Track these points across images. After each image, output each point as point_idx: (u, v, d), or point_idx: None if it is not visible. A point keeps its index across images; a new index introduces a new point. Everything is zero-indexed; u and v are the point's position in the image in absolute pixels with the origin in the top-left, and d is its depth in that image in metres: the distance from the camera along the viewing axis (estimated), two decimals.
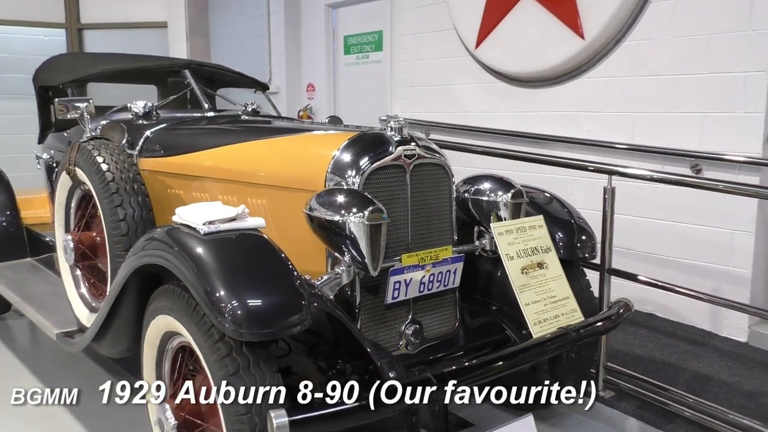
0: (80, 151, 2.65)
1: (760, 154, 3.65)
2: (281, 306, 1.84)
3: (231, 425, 1.82)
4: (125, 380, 2.56)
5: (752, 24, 3.60)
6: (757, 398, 3.09)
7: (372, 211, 2.07)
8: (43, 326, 3.10)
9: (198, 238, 1.97)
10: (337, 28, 7.05)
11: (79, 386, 3.07)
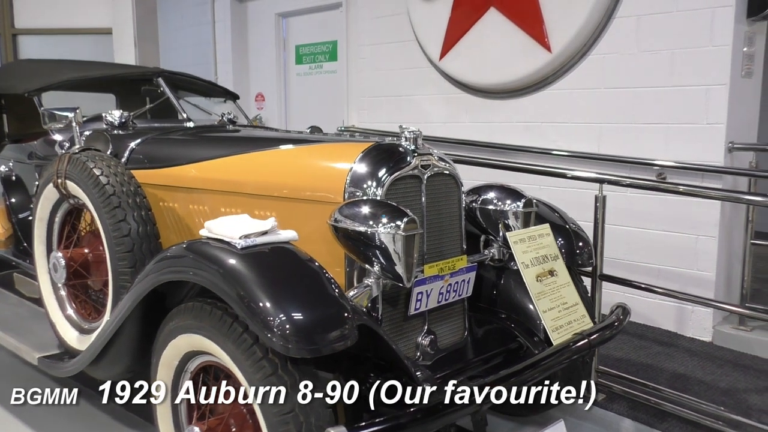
0: (73, 162, 2.49)
1: (722, 162, 3.87)
2: (328, 321, 1.79)
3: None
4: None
5: (713, 40, 3.82)
6: (733, 394, 3.26)
7: (408, 221, 2.05)
8: (20, 351, 2.89)
9: (235, 252, 1.89)
10: (287, 38, 6.97)
11: (79, 386, 2.96)
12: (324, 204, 2.34)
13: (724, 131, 3.84)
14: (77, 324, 2.71)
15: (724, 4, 3.75)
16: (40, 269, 2.81)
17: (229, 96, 4.19)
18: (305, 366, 1.84)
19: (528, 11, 4.48)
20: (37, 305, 3.46)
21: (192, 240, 2.05)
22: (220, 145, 2.82)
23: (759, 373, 3.54)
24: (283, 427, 1.76)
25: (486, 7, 4.73)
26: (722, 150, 3.86)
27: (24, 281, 3.56)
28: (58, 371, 2.64)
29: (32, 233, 2.80)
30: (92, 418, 2.98)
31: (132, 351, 2.43)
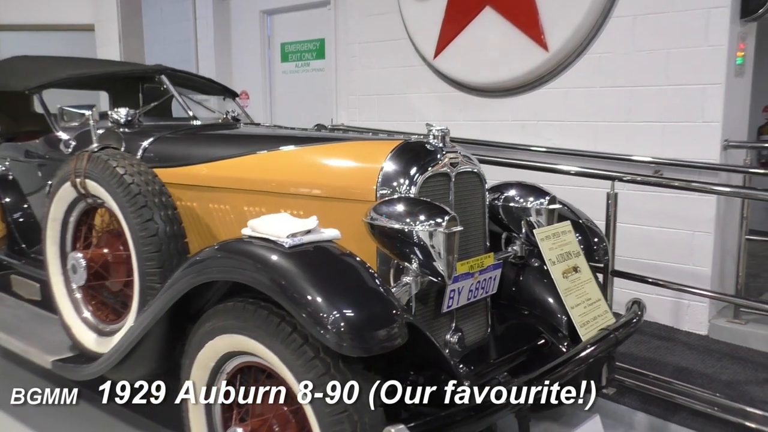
0: (93, 161, 2.42)
1: (718, 159, 3.97)
2: (381, 320, 1.78)
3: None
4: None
5: (709, 40, 3.91)
6: (736, 386, 3.35)
7: (450, 219, 2.05)
8: (29, 354, 2.81)
9: (283, 251, 1.87)
10: (272, 35, 6.91)
11: (78, 386, 2.86)
12: (355, 202, 2.33)
13: (720, 129, 3.94)
14: (94, 326, 2.64)
15: (720, 5, 3.85)
16: (53, 270, 2.73)
17: (227, 93, 4.13)
18: (355, 365, 1.83)
19: (524, 10, 4.53)
20: (38, 307, 3.38)
21: (233, 239, 2.02)
22: (239, 143, 2.78)
23: (756, 365, 3.64)
24: (338, 427, 1.75)
25: (481, 6, 4.76)
26: (718, 148, 3.96)
27: (22, 283, 3.46)
28: (75, 375, 2.57)
29: (44, 234, 2.72)
30: (92, 419, 2.95)
31: (157, 353, 2.38)
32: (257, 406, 2.02)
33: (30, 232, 3.61)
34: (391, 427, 1.67)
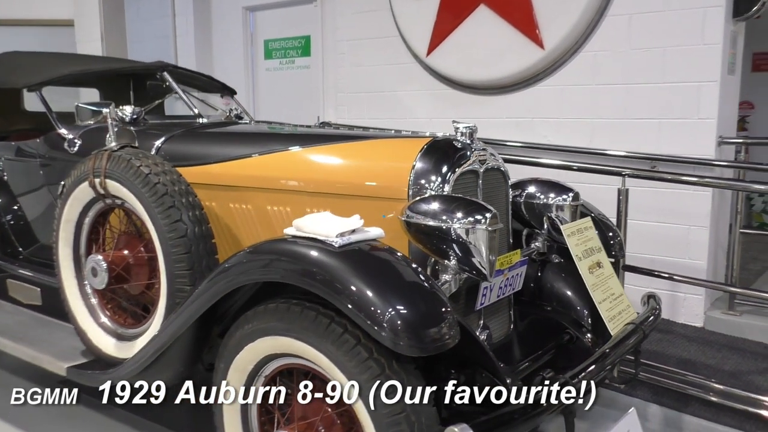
0: (115, 160, 2.35)
1: (713, 155, 4.05)
2: (436, 319, 1.76)
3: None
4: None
5: (704, 38, 3.99)
6: (740, 376, 3.42)
7: (492, 216, 2.05)
8: (40, 361, 2.71)
9: (333, 251, 1.83)
10: (255, 32, 6.82)
11: (78, 386, 2.82)
12: (386, 200, 2.31)
13: (715, 125, 4.03)
14: (113, 331, 2.56)
15: (715, 4, 3.93)
16: (65, 274, 2.63)
17: (226, 91, 4.06)
18: (408, 365, 1.81)
19: (520, 8, 4.55)
20: (39, 312, 3.27)
21: (277, 238, 1.98)
22: (257, 141, 2.72)
23: (756, 355, 3.73)
24: (395, 428, 1.73)
25: (476, 4, 4.77)
26: (713, 144, 4.05)
27: (20, 287, 3.34)
28: (95, 381, 2.49)
29: (56, 236, 2.62)
30: (91, 420, 2.94)
31: (185, 356, 2.32)
32: (300, 409, 1.99)
33: (25, 235, 3.49)
34: (454, 426, 1.66)
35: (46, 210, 3.22)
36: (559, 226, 2.66)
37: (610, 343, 2.31)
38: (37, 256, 3.39)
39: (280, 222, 2.54)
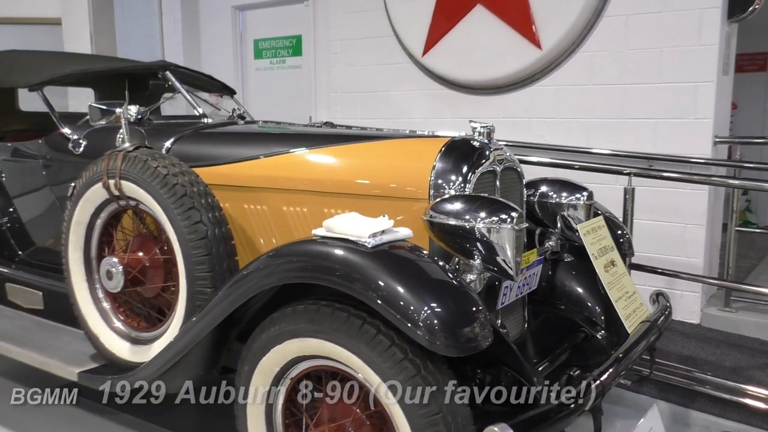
0: (130, 161, 2.31)
1: (710, 154, 4.12)
2: (471, 320, 1.76)
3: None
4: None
5: (701, 39, 4.05)
6: (741, 372, 3.48)
7: (519, 216, 2.05)
8: (49, 366, 2.66)
9: (365, 252, 1.82)
10: (245, 32, 6.76)
11: (78, 386, 2.85)
12: (407, 200, 2.31)
13: (711, 125, 4.09)
14: (126, 334, 2.51)
15: (712, 6, 3.99)
16: (76, 277, 2.58)
17: (226, 90, 4.01)
18: (442, 365, 1.81)
19: (517, 9, 4.58)
20: (40, 317, 3.21)
21: (306, 239, 1.96)
22: (271, 141, 2.68)
23: (753, 351, 3.80)
24: (433, 429, 1.72)
25: (472, 5, 4.79)
26: (710, 143, 4.11)
27: (20, 291, 3.27)
28: (108, 385, 2.44)
29: (66, 239, 2.56)
30: (90, 420, 2.95)
31: (204, 360, 2.30)
32: (330, 411, 1.97)
33: (24, 237, 3.42)
34: (493, 426, 1.66)
35: (48, 212, 3.16)
36: (572, 224, 2.68)
37: (630, 342, 2.32)
38: (38, 258, 3.32)
39: (297, 222, 2.52)
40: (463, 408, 1.78)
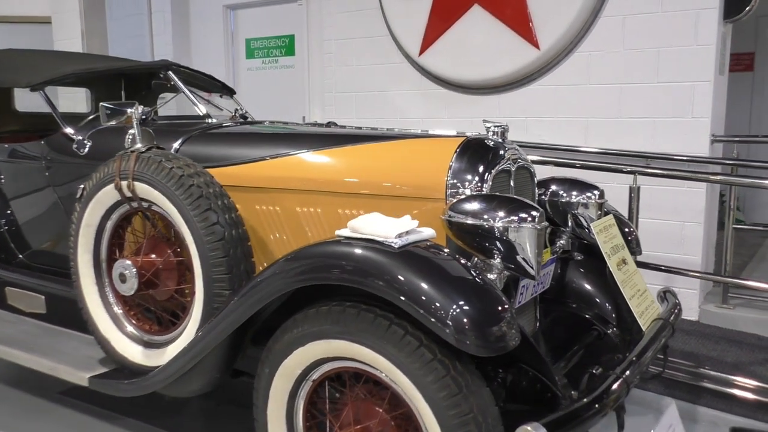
0: (144, 162, 2.27)
1: (707, 153, 4.16)
2: (500, 320, 1.76)
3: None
4: None
5: (698, 39, 4.09)
6: (742, 367, 3.52)
7: (540, 215, 2.05)
8: (57, 372, 2.61)
9: (392, 252, 1.81)
10: (236, 31, 6.71)
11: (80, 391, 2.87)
12: (424, 200, 2.30)
13: (708, 124, 4.14)
14: (138, 338, 2.47)
15: (709, 6, 4.04)
16: (85, 281, 2.53)
17: (225, 90, 3.98)
18: (470, 365, 1.80)
19: (514, 9, 4.60)
20: (43, 321, 3.15)
21: (330, 240, 1.94)
22: (284, 142, 2.65)
23: (753, 347, 3.85)
24: (464, 429, 1.72)
25: (469, 4, 4.79)
26: (707, 142, 4.15)
27: (21, 295, 3.21)
28: (122, 391, 2.40)
29: (74, 241, 2.52)
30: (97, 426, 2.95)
31: (221, 363, 2.27)
32: (355, 412, 1.96)
33: (24, 240, 3.36)
34: (526, 425, 1.66)
35: (50, 214, 3.10)
36: (582, 223, 2.69)
37: (646, 339, 2.34)
38: (38, 261, 3.27)
39: (311, 223, 2.50)
40: (492, 408, 1.78)
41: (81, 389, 3.20)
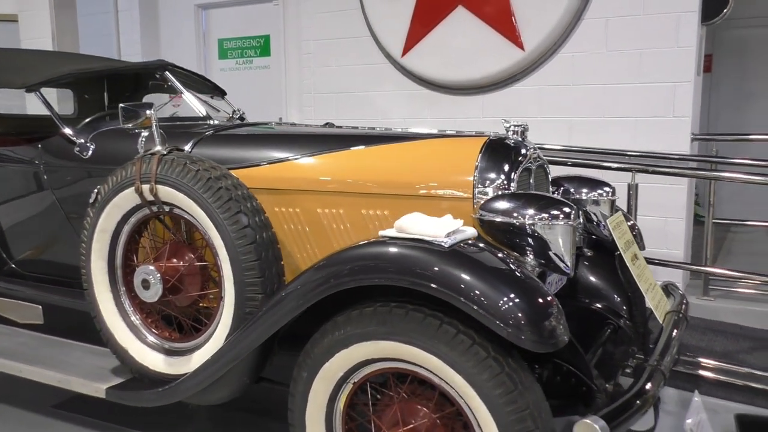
0: (167, 164, 2.21)
1: (688, 151, 4.31)
2: (551, 316, 1.79)
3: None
4: None
5: (679, 41, 4.23)
6: (731, 356, 3.66)
7: (575, 212, 2.09)
8: (69, 384, 2.52)
9: (443, 251, 1.82)
10: (208, 31, 6.60)
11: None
12: (450, 199, 2.31)
13: (689, 123, 4.28)
14: (159, 346, 2.41)
15: (689, 9, 4.18)
16: (99, 288, 2.45)
17: (217, 92, 3.91)
18: (521, 362, 1.83)
19: (499, 11, 4.66)
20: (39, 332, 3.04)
21: (378, 241, 1.94)
22: (302, 142, 2.61)
23: (737, 336, 4.00)
24: (521, 425, 1.74)
25: (453, 6, 4.83)
26: (688, 140, 4.30)
27: (15, 306, 3.08)
28: (145, 401, 2.33)
29: (87, 248, 2.43)
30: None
31: (252, 368, 2.24)
32: (402, 413, 1.95)
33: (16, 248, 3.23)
34: (585, 419, 1.69)
35: (47, 221, 2.99)
36: (593, 219, 2.76)
37: (667, 332, 2.41)
38: (33, 270, 3.14)
39: (333, 224, 2.48)
40: (544, 403, 1.80)
41: (74, 402, 3.15)
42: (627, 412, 1.80)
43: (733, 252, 6.12)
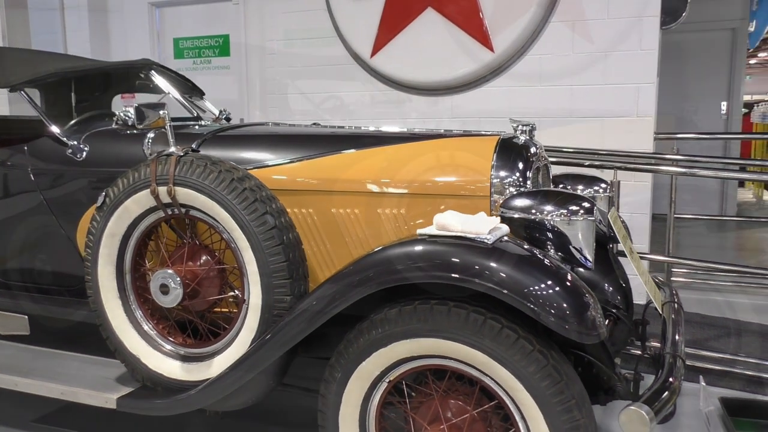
0: (186, 166, 2.15)
1: (651, 149, 4.51)
2: (593, 308, 1.86)
3: None
4: None
5: (642, 44, 4.43)
6: (701, 344, 3.87)
7: (593, 207, 2.17)
8: (75, 396, 2.42)
9: (487, 248, 1.86)
10: (162, 30, 6.41)
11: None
12: (467, 198, 2.36)
13: (653, 123, 4.49)
14: (174, 352, 2.34)
15: (651, 14, 4.38)
16: (107, 295, 2.35)
17: (195, 92, 3.82)
18: (561, 354, 1.88)
19: (468, 13, 4.74)
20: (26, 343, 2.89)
21: (413, 238, 1.96)
22: (314, 143, 2.58)
23: (702, 325, 4.22)
24: (568, 415, 1.79)
25: (423, 7, 4.89)
26: (651, 139, 4.50)
27: None
28: (163, 410, 2.26)
29: (94, 252, 2.33)
30: None
31: (276, 371, 2.21)
32: (444, 409, 1.98)
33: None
34: (632, 406, 1.76)
35: (35, 226, 2.84)
36: None
37: (670, 322, 2.53)
38: (16, 279, 2.98)
39: (348, 224, 2.47)
40: (585, 393, 1.87)
41: (55, 415, 3.04)
42: (663, 396, 1.88)
43: (683, 245, 6.43)
